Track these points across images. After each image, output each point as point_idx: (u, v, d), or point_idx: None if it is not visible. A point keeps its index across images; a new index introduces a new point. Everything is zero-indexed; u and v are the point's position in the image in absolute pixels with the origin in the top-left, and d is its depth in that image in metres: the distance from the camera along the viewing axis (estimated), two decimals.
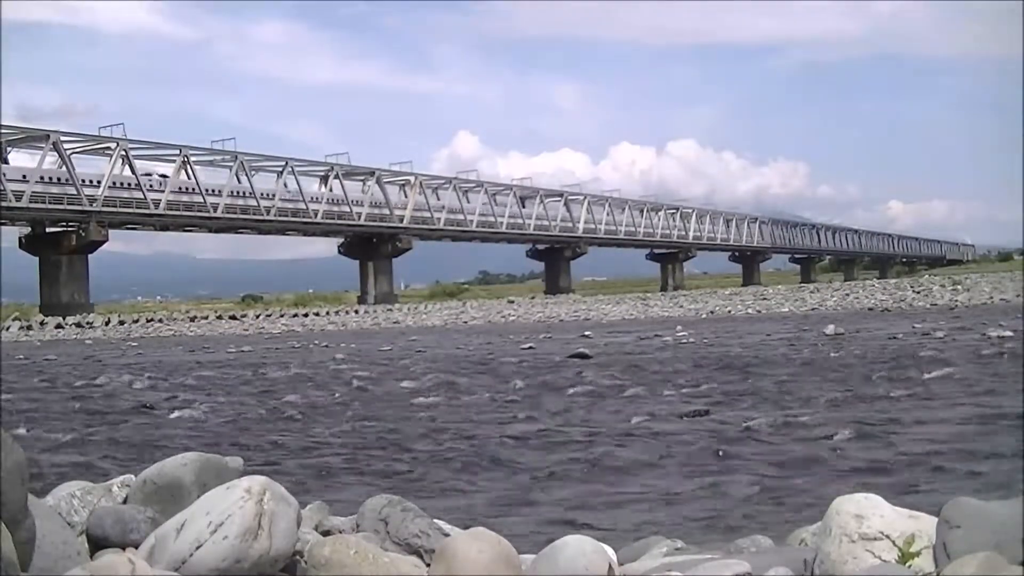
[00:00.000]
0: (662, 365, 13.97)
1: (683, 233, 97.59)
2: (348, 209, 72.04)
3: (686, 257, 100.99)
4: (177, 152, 62.53)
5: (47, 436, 8.36)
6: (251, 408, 10.38)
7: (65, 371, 18.16)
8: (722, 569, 2.23)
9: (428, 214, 77.05)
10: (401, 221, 74.19)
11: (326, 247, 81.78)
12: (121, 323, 48.51)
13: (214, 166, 67.42)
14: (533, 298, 71.16)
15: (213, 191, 64.28)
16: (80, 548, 2.36)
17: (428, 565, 2.33)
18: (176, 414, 9.87)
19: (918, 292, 42.02)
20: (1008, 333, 16.12)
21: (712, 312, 37.72)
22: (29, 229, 58.54)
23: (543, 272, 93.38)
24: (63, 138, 57.13)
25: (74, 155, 58.25)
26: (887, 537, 2.14)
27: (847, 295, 44.32)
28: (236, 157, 65.72)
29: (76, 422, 9.49)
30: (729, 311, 37.73)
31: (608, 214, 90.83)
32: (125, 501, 2.69)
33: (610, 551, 2.50)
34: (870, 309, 33.90)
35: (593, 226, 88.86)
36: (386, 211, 74.10)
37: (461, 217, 79.83)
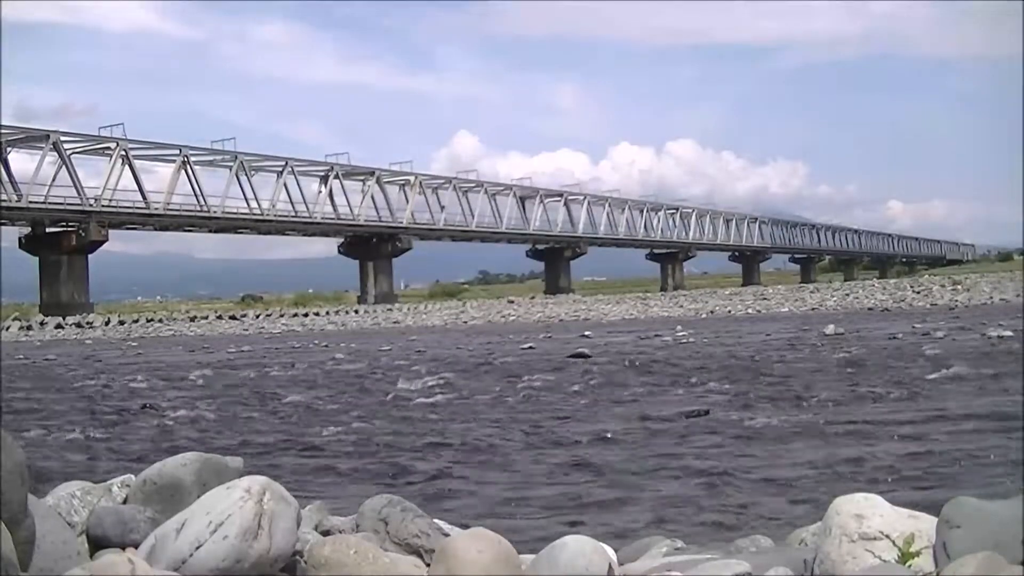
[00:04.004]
0: (662, 365, 13.97)
1: (683, 233, 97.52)
2: (348, 209, 72.02)
3: (686, 257, 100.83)
4: (177, 152, 62.46)
5: (47, 436, 8.36)
6: (251, 408, 10.39)
7: (65, 371, 18.16)
8: (722, 569, 2.23)
9: (428, 214, 77.08)
10: (401, 221, 74.20)
11: (326, 247, 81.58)
12: (121, 323, 48.46)
13: (214, 166, 67.37)
14: (533, 298, 71.10)
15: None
16: (80, 548, 2.36)
17: (428, 565, 2.33)
18: (176, 414, 9.88)
19: (918, 292, 42.00)
20: (1008, 333, 16.13)
21: (712, 312, 37.71)
22: (29, 229, 58.45)
23: (543, 272, 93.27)
24: (63, 138, 57.10)
25: (74, 155, 58.24)
26: (887, 537, 2.14)
27: (847, 295, 44.30)
28: (236, 157, 65.62)
29: (76, 422, 9.49)
30: (729, 311, 37.72)
31: (608, 214, 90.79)
32: (125, 501, 2.69)
33: (610, 551, 2.50)
34: (870, 309, 33.90)
35: (593, 226, 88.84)
36: (386, 211, 74.11)
37: (461, 217, 79.85)
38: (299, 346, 25.73)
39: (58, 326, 47.31)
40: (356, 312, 56.87)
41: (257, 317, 53.12)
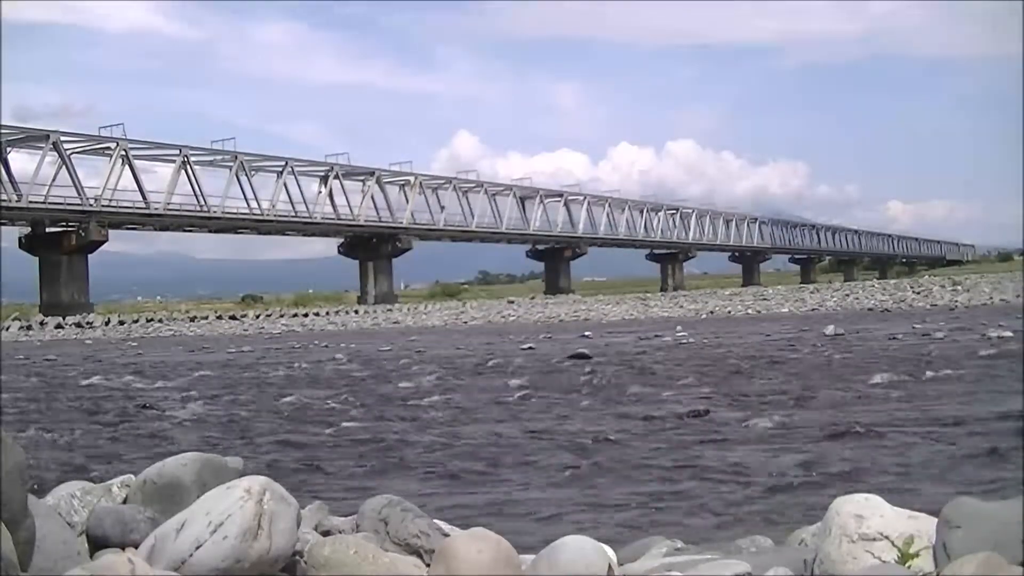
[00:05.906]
0: (662, 365, 13.97)
1: (683, 233, 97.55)
2: (348, 209, 72.08)
3: (686, 257, 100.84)
4: (177, 152, 62.46)
5: (48, 436, 8.36)
6: (251, 408, 10.38)
7: (65, 371, 18.16)
8: (722, 569, 2.23)
9: (428, 214, 77.15)
10: (401, 221, 74.25)
11: (326, 247, 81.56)
12: (121, 323, 48.47)
13: (214, 166, 67.39)
14: (533, 298, 71.09)
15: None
16: (80, 548, 2.36)
17: (428, 565, 2.33)
18: (176, 414, 9.88)
19: (918, 292, 41.98)
20: (1008, 333, 16.12)
21: (712, 312, 37.70)
22: (29, 229, 58.47)
23: (543, 272, 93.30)
24: (63, 138, 57.13)
25: (74, 155, 58.28)
26: (887, 537, 2.14)
27: (847, 295, 44.29)
28: (236, 157, 65.63)
29: (76, 422, 9.49)
30: (729, 311, 37.71)
31: (608, 214, 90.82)
32: (125, 501, 2.69)
33: (610, 551, 2.50)
34: (870, 309, 33.89)
35: (593, 226, 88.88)
36: (386, 211, 74.17)
37: (461, 217, 79.91)
38: (299, 346, 25.73)
39: (58, 326, 47.31)
40: (356, 312, 56.84)
41: (257, 317, 53.11)
